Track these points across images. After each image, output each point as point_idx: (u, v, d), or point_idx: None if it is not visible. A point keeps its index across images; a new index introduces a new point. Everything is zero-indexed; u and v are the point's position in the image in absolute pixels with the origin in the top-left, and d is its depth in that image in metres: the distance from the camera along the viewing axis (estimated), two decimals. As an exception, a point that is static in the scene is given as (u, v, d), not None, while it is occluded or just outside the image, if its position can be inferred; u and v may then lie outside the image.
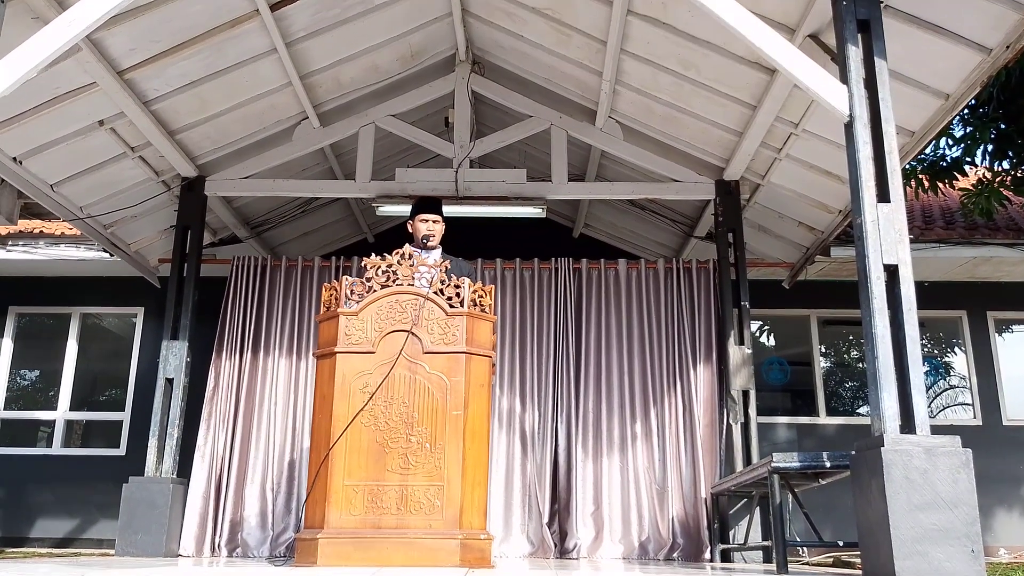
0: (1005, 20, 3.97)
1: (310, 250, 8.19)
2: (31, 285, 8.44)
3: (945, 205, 8.66)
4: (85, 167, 5.85)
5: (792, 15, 4.61)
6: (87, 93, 5.16)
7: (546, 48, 5.99)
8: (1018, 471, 7.93)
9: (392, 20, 5.81)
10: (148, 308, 8.39)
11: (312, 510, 3.93)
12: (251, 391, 6.43)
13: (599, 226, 8.59)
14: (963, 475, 3.09)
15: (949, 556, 3.01)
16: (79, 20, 3.60)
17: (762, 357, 8.41)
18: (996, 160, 7.02)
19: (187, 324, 6.10)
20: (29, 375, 8.73)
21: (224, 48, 5.32)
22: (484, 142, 6.57)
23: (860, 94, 3.63)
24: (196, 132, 6.05)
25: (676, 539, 5.91)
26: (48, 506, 8.01)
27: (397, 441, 3.89)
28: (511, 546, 5.95)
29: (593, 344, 6.46)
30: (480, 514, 3.94)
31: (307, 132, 6.48)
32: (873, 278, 3.40)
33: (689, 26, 5.05)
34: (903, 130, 4.89)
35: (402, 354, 3.97)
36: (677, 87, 5.69)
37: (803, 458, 4.18)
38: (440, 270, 4.18)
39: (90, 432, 8.49)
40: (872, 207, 3.49)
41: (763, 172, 6.27)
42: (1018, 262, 7.71)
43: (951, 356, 8.55)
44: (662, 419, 6.25)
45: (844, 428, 8.16)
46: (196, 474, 6.16)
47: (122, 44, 4.91)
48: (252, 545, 5.99)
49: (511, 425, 6.29)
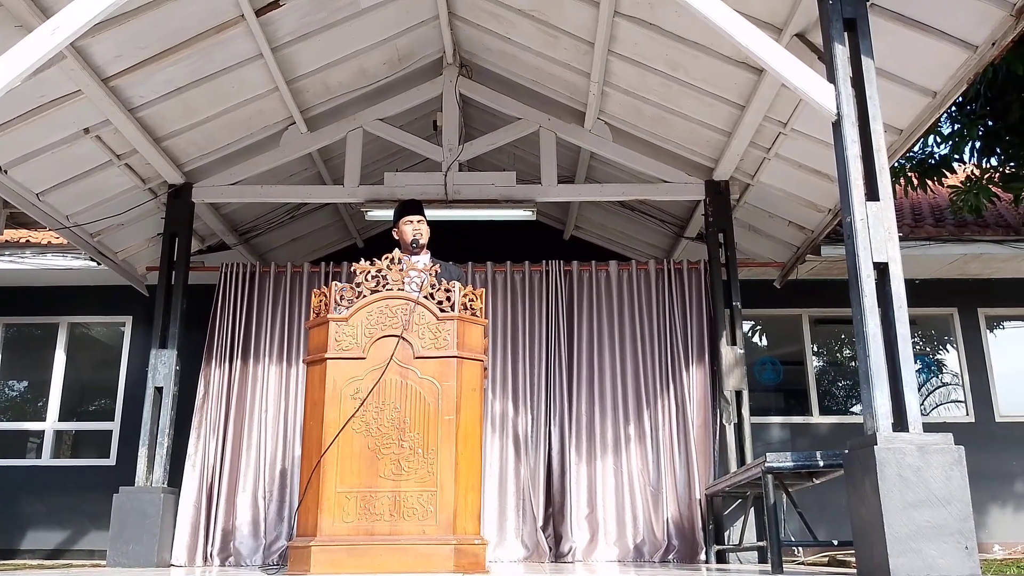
0: (991, 17, 3.97)
1: (299, 256, 8.16)
2: (18, 295, 8.38)
3: (934, 203, 8.68)
4: (71, 175, 5.80)
5: (779, 14, 4.61)
6: (72, 101, 5.12)
7: (533, 50, 5.98)
8: (1011, 467, 7.95)
9: (379, 24, 5.79)
10: (136, 317, 8.35)
11: (304, 518, 3.90)
12: (241, 399, 6.39)
13: (590, 228, 8.58)
14: (956, 472, 3.09)
15: (943, 553, 3.00)
16: (63, 28, 3.56)
17: (754, 357, 8.42)
18: (984, 157, 7.05)
19: (176, 332, 6.06)
20: (17, 386, 8.67)
21: (210, 54, 5.29)
22: (473, 145, 6.55)
23: (847, 92, 3.63)
24: (182, 139, 6.02)
25: (671, 541, 5.89)
26: (38, 517, 7.95)
27: (389, 447, 3.87)
28: (506, 551, 5.93)
29: (585, 346, 6.44)
30: (474, 519, 3.92)
31: (295, 137, 6.45)
32: (863, 276, 3.40)
33: (676, 27, 5.05)
34: (891, 128, 4.90)
35: (393, 359, 3.95)
36: (665, 88, 5.69)
37: (797, 458, 4.18)
38: (430, 274, 4.17)
39: (80, 442, 8.43)
40: (861, 205, 3.49)
41: (752, 172, 6.28)
42: (1008, 258, 7.74)
43: (943, 353, 8.57)
44: (655, 421, 6.24)
45: (837, 427, 8.17)
46: (187, 483, 6.12)
47: (107, 51, 4.88)
48: (244, 554, 5.95)
49: (504, 429, 6.26)
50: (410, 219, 4.74)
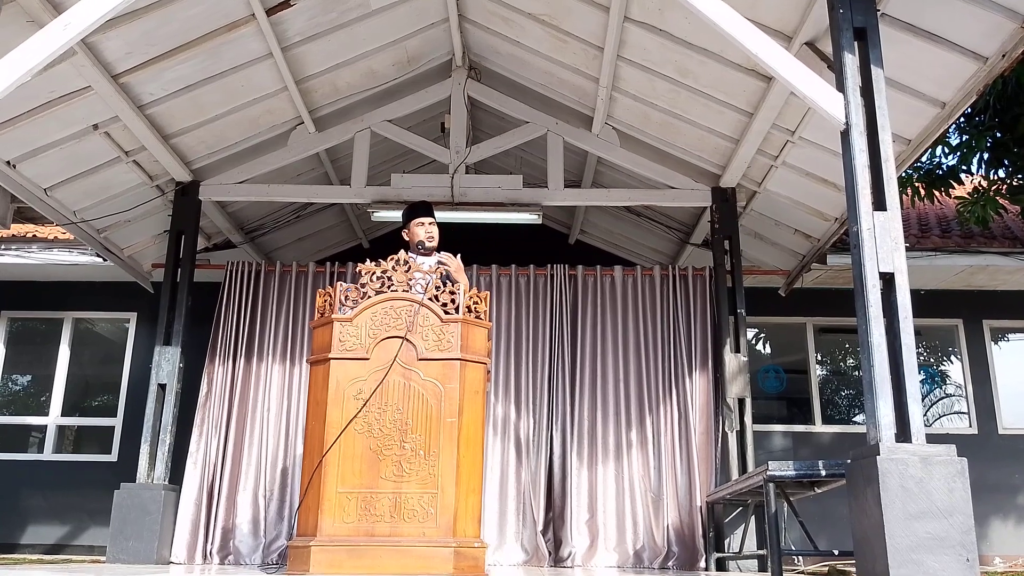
0: (1002, 29, 3.97)
1: (304, 255, 8.17)
2: (24, 290, 8.40)
3: (941, 213, 8.67)
4: (79, 171, 5.82)
5: (789, 23, 4.61)
6: (82, 97, 5.13)
7: (543, 54, 5.99)
8: (1014, 480, 7.92)
9: (389, 25, 5.80)
10: (141, 313, 8.36)
11: (305, 517, 3.91)
12: (244, 397, 6.39)
13: (595, 232, 8.58)
14: (959, 484, 3.08)
15: (944, 565, 2.99)
16: (74, 24, 3.57)
17: (758, 365, 8.40)
18: (992, 168, 7.03)
19: (180, 329, 6.07)
20: (21, 380, 8.68)
21: (220, 52, 5.30)
22: (480, 148, 6.56)
23: (856, 102, 3.62)
24: (191, 136, 6.03)
25: (671, 547, 5.88)
26: (39, 512, 7.96)
27: (391, 448, 3.87)
28: (505, 554, 5.92)
29: (588, 351, 6.44)
30: (474, 522, 3.92)
31: (302, 137, 6.47)
32: (869, 286, 3.39)
33: (686, 33, 5.05)
34: (899, 138, 4.89)
35: (396, 360, 3.95)
36: (674, 94, 5.69)
37: (799, 467, 4.17)
38: (436, 276, 4.17)
39: (82, 438, 8.44)
40: (868, 215, 3.49)
41: (759, 179, 6.27)
42: (1014, 271, 7.72)
43: (947, 364, 8.54)
44: (657, 427, 6.23)
45: (840, 436, 8.14)
46: (188, 480, 6.12)
47: (117, 48, 4.89)
48: (244, 552, 5.95)
49: (506, 432, 6.26)
50: (422, 221, 4.75)
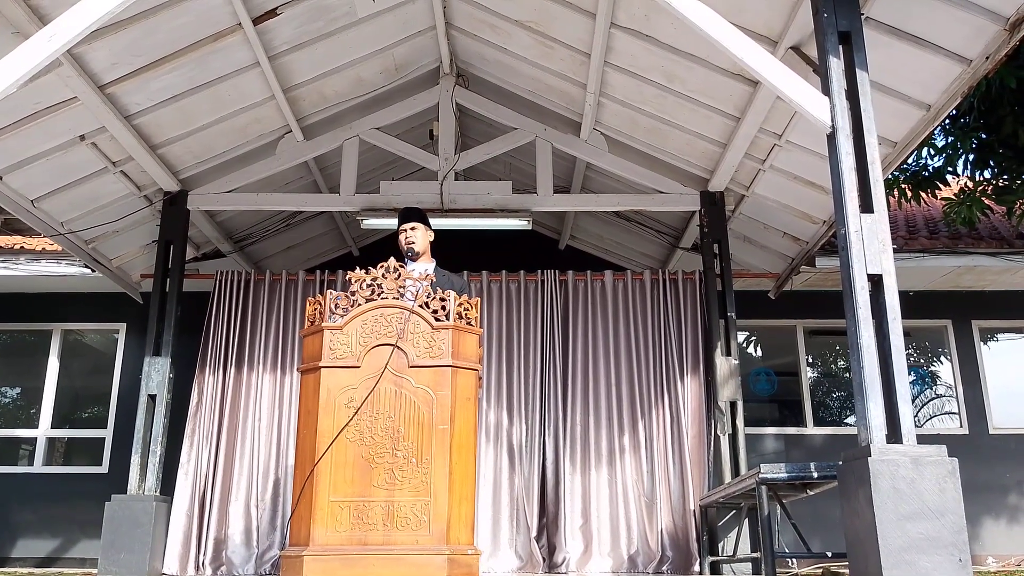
0: (985, 31, 4.00)
1: (294, 264, 8.15)
2: (12, 301, 8.35)
3: (928, 215, 8.71)
4: (66, 182, 5.80)
5: (774, 27, 4.64)
6: (68, 108, 5.12)
7: (530, 61, 6.00)
8: (1004, 480, 7.96)
9: (376, 33, 5.81)
10: (130, 324, 8.31)
11: (297, 527, 3.88)
12: (235, 407, 6.37)
13: (585, 238, 8.59)
14: (950, 484, 3.09)
15: (936, 565, 3.00)
16: (60, 35, 3.56)
17: (749, 368, 8.42)
18: (977, 169, 7.08)
19: (170, 340, 6.05)
20: (10, 392, 8.62)
21: (207, 62, 5.30)
22: (469, 154, 6.57)
23: (842, 105, 3.64)
24: (178, 146, 6.02)
25: (665, 551, 5.88)
26: (30, 525, 7.90)
27: (383, 456, 3.85)
28: (499, 561, 5.91)
29: (580, 356, 6.44)
30: (467, 529, 3.90)
31: (291, 145, 6.46)
32: (858, 288, 3.41)
33: (672, 39, 5.08)
34: (885, 140, 4.92)
35: (387, 368, 3.94)
36: (661, 99, 5.71)
37: (791, 469, 4.18)
38: (426, 283, 4.16)
39: (72, 450, 8.39)
40: (856, 217, 3.50)
41: (747, 183, 6.30)
42: (1001, 271, 7.76)
43: (937, 365, 8.58)
44: (650, 431, 6.23)
45: (831, 438, 8.16)
46: (180, 491, 6.09)
47: (104, 58, 4.88)
48: (237, 563, 5.92)
49: (498, 439, 6.25)
50: (402, 228, 4.74)
